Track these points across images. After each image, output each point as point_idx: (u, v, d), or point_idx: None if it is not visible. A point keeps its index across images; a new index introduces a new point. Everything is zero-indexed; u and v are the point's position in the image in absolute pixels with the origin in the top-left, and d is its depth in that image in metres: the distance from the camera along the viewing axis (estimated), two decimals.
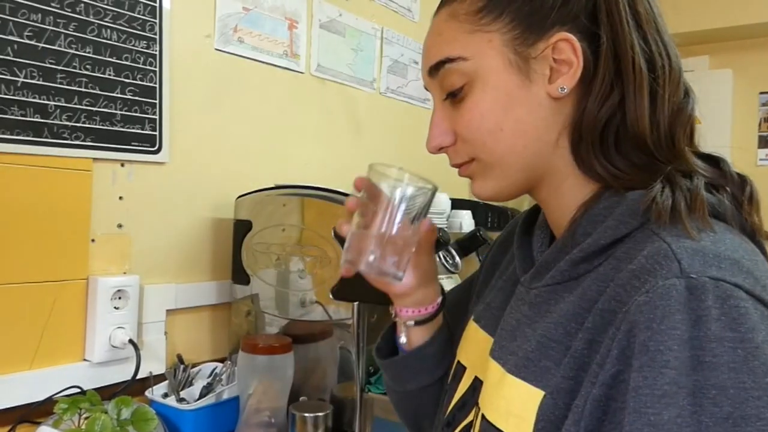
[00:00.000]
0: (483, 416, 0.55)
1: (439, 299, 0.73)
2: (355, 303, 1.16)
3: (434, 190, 0.62)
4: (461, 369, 0.67)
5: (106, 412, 0.74)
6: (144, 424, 0.71)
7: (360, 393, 1.16)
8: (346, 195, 1.21)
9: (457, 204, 1.71)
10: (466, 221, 1.63)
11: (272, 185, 1.33)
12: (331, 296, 1.18)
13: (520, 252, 0.64)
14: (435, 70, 0.58)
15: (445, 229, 1.15)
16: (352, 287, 1.15)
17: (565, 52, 0.54)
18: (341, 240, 1.12)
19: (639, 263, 0.47)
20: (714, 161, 0.55)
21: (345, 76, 1.76)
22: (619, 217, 0.51)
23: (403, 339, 0.73)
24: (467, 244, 1.30)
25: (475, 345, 0.66)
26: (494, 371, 0.56)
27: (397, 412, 0.81)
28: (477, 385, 0.62)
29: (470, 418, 0.61)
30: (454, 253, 1.27)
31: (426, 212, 0.63)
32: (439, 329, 0.74)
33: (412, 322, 0.72)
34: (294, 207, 1.27)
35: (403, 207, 0.61)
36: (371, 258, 0.61)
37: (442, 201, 1.53)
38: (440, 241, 1.14)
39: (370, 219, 0.61)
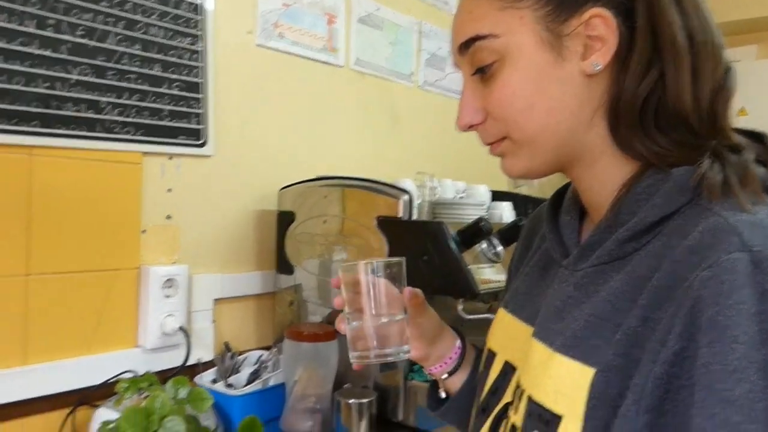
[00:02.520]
0: (529, 398, 0.54)
1: (458, 343, 0.76)
2: None
3: (402, 261, 0.67)
4: (491, 355, 0.67)
5: (163, 392, 0.77)
6: (200, 403, 0.74)
7: (404, 381, 1.18)
8: (387, 185, 1.22)
9: (497, 196, 1.70)
10: (506, 212, 1.62)
11: (314, 177, 1.35)
12: None
13: (553, 236, 0.63)
14: (465, 47, 0.58)
15: (488, 219, 1.15)
16: None
17: (599, 28, 0.53)
18: (385, 230, 1.15)
19: (695, 239, 0.46)
20: (756, 137, 0.55)
21: (383, 70, 1.77)
22: (667, 193, 0.51)
23: (443, 394, 0.78)
24: (509, 234, 1.30)
25: (503, 330, 0.66)
26: (539, 352, 0.55)
27: None
28: (508, 369, 0.62)
29: (505, 400, 0.61)
30: (496, 242, 1.27)
31: (404, 281, 0.67)
32: (474, 364, 0.76)
33: (446, 375, 0.76)
34: (335, 198, 1.29)
35: (381, 281, 0.65)
36: (374, 352, 0.66)
37: (482, 192, 1.53)
38: (483, 230, 1.14)
39: (359, 306, 0.66)
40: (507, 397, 0.61)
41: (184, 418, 0.67)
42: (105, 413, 1.02)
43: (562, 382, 0.51)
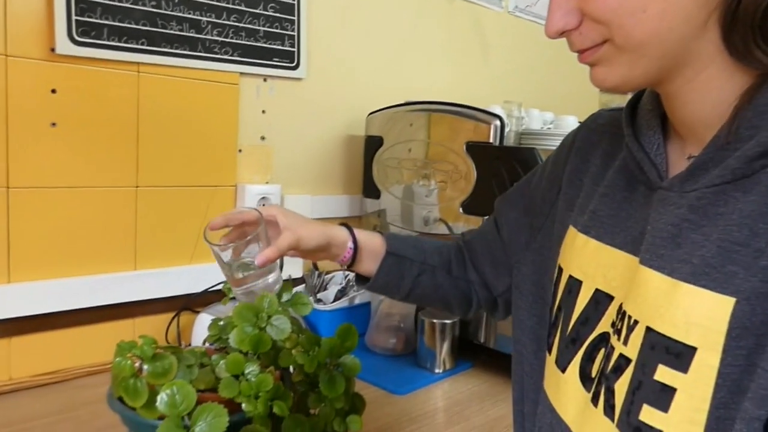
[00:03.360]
0: (649, 329, 0.51)
1: (349, 244, 0.81)
2: (485, 217, 1.18)
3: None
4: (576, 283, 0.63)
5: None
6: (302, 307, 0.79)
7: None
8: (478, 110, 1.21)
9: None
10: None
11: (402, 102, 1.35)
12: (461, 210, 1.20)
13: (642, 155, 0.58)
14: None
15: None
16: (483, 202, 1.17)
17: None
18: (474, 155, 1.16)
19: None
20: None
21: None
22: None
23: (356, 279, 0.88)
24: None
25: (587, 256, 0.63)
26: (656, 281, 0.52)
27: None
28: (600, 298, 0.60)
29: (600, 330, 0.59)
30: None
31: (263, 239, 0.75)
32: (382, 261, 0.82)
33: (346, 268, 0.84)
34: (423, 123, 1.29)
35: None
36: (245, 287, 0.77)
37: (571, 123, 1.48)
38: None
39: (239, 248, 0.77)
40: (603, 327, 0.59)
41: (289, 319, 0.71)
42: (206, 318, 1.09)
43: (696, 313, 0.48)
